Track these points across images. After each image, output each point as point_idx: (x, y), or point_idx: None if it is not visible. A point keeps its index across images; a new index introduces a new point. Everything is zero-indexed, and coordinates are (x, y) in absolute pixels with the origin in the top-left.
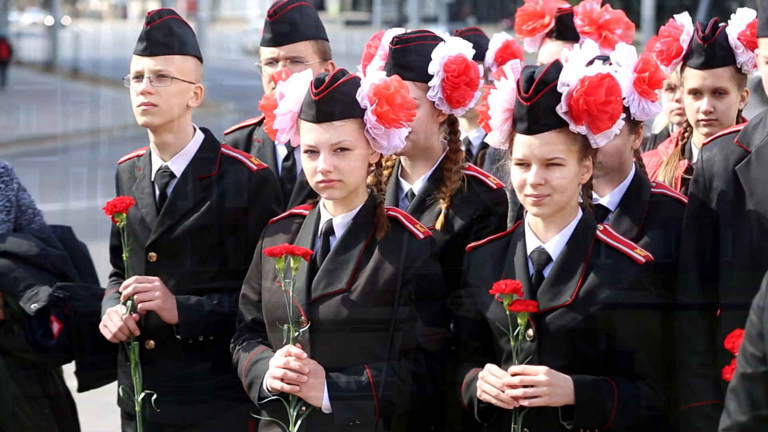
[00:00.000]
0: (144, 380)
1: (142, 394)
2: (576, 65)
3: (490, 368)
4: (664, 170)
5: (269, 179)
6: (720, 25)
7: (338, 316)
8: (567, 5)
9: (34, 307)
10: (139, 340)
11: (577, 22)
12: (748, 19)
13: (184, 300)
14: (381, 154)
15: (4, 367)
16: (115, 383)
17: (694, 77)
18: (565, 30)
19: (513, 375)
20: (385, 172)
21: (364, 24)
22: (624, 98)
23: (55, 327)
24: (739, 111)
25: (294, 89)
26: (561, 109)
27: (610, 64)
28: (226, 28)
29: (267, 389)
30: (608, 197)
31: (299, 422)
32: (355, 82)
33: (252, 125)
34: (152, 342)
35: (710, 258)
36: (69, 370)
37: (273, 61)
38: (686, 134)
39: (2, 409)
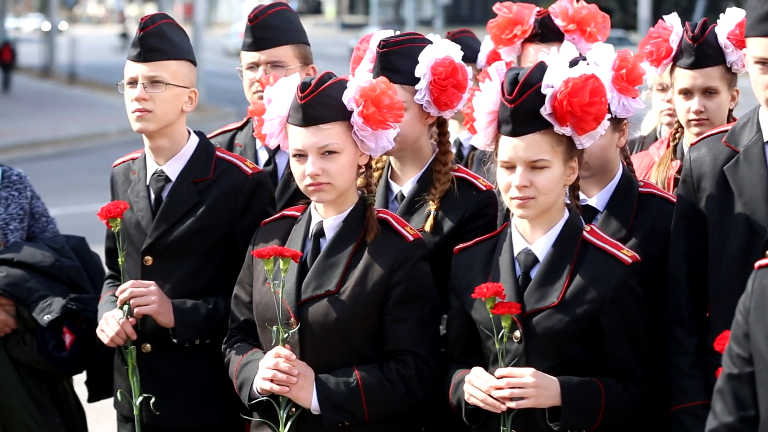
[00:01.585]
0: (141, 383)
1: (140, 398)
2: (560, 66)
3: (477, 371)
4: (656, 171)
5: (264, 182)
6: (709, 25)
7: (327, 318)
8: (538, 9)
9: (47, 318)
10: (136, 344)
11: (558, 22)
12: (737, 18)
13: (180, 304)
14: (370, 156)
15: (16, 376)
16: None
17: (684, 77)
18: (548, 32)
19: (499, 377)
20: (375, 174)
21: (361, 27)
22: None
23: (68, 338)
24: (730, 110)
25: (281, 93)
26: (545, 110)
27: (587, 64)
28: (223, 31)
29: (257, 391)
30: (596, 198)
31: (289, 423)
32: (342, 85)
33: (233, 130)
34: (149, 345)
35: (699, 258)
36: (78, 378)
37: (254, 66)
38: (678, 135)
39: (14, 418)
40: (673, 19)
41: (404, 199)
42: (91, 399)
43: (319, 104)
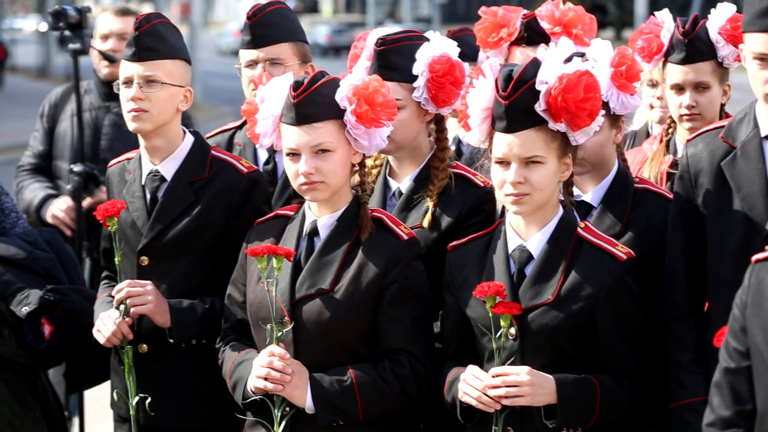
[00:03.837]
0: (138, 384)
1: (137, 398)
2: (554, 63)
3: (472, 370)
4: (649, 166)
5: (260, 181)
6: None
7: (321, 317)
8: (525, 11)
9: (25, 310)
10: (132, 344)
11: (545, 25)
12: (728, 13)
13: (176, 304)
14: (364, 154)
15: None
16: (108, 388)
17: (675, 72)
18: (535, 35)
19: (495, 376)
20: (374, 171)
21: (358, 26)
22: (603, 93)
23: (46, 330)
24: (722, 105)
25: (274, 93)
26: (540, 107)
27: (586, 60)
28: (220, 31)
29: (251, 390)
30: (591, 193)
31: (284, 423)
32: (335, 84)
33: (233, 129)
34: (145, 346)
35: (697, 254)
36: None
37: (253, 64)
38: (670, 130)
39: None
40: (664, 15)
41: (402, 196)
42: (71, 391)
43: (312, 103)
